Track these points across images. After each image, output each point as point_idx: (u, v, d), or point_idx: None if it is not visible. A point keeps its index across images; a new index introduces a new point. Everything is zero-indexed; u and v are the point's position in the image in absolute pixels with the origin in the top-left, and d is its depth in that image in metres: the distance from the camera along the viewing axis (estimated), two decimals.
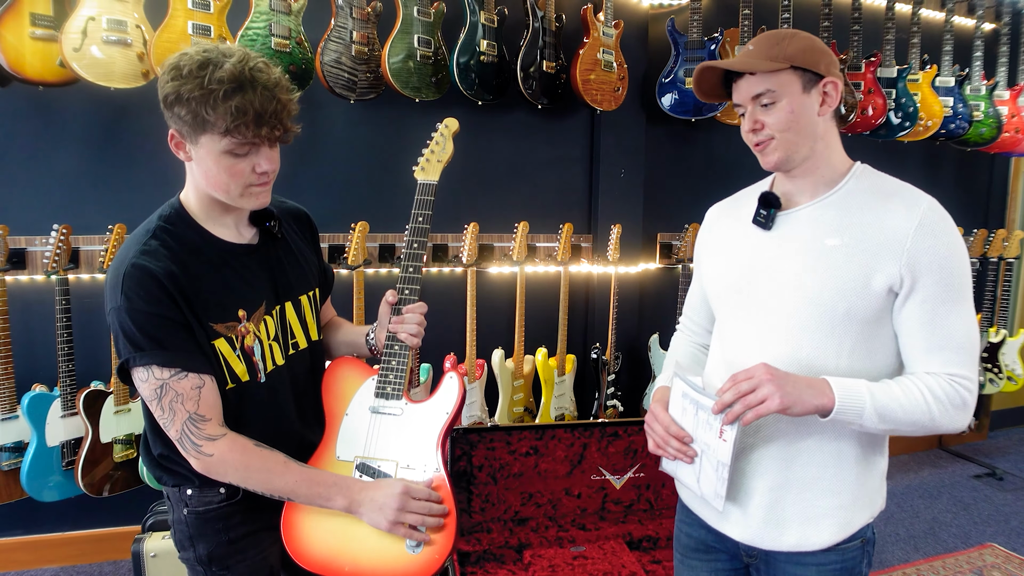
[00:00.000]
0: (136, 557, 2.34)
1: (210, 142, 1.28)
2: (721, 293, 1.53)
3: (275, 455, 1.37)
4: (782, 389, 1.23)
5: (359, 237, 2.87)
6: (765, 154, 1.39)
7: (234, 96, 1.23)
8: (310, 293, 1.59)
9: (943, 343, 1.30)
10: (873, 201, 1.35)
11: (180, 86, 1.24)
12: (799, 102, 1.34)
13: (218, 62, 1.25)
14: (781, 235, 1.42)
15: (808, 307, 1.34)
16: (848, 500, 1.38)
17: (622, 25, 3.26)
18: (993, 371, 4.20)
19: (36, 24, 2.38)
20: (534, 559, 2.60)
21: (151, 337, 1.28)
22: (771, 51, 1.34)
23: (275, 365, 1.48)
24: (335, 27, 2.74)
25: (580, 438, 2.78)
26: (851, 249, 1.32)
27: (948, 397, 1.28)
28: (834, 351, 1.34)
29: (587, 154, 3.51)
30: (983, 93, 3.87)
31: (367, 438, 1.52)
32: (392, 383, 1.55)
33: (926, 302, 1.29)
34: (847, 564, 1.40)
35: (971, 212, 4.54)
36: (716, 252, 1.58)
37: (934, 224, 1.30)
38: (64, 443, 2.61)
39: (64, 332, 2.56)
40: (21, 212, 2.71)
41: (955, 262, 1.30)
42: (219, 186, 1.33)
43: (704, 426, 1.34)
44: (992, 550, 3.31)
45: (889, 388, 1.28)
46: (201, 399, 1.31)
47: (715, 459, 1.32)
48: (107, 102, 2.69)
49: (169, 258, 1.32)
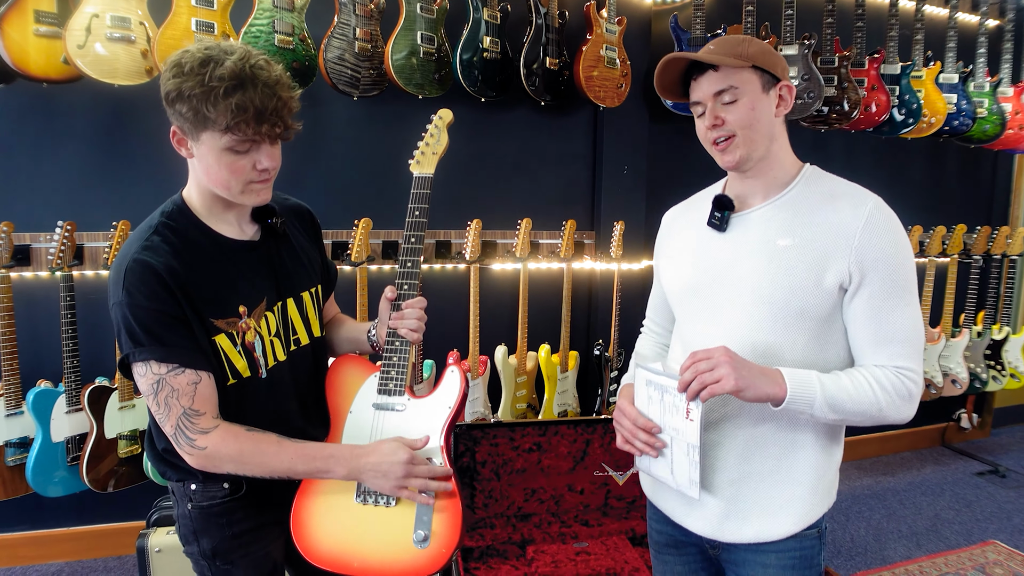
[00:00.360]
0: (141, 552, 2.35)
1: (211, 139, 1.29)
2: (680, 295, 1.56)
3: (267, 436, 1.37)
4: (737, 371, 1.26)
5: (362, 234, 2.88)
6: (726, 152, 1.41)
7: (234, 93, 1.24)
8: (312, 289, 1.59)
9: (889, 337, 1.35)
10: (822, 202, 1.40)
11: (181, 83, 1.25)
12: (759, 100, 1.38)
13: (219, 59, 1.25)
14: (735, 237, 1.46)
15: (763, 306, 1.38)
16: (806, 491, 1.42)
17: (625, 22, 3.26)
18: (996, 368, 4.19)
19: (40, 21, 2.38)
20: (537, 555, 2.61)
21: (150, 333, 1.29)
22: (734, 50, 1.37)
23: (276, 361, 1.48)
24: (338, 24, 2.75)
25: (583, 434, 2.78)
26: (802, 249, 1.36)
27: (895, 388, 1.34)
28: (788, 347, 1.38)
29: (590, 151, 3.51)
30: (987, 90, 3.87)
31: (371, 435, 1.53)
32: (394, 379, 1.55)
33: (873, 297, 1.34)
34: (805, 553, 1.44)
35: (974, 209, 4.53)
36: (673, 255, 1.61)
37: (880, 222, 1.35)
38: (69, 439, 2.62)
39: (69, 328, 2.56)
40: (26, 209, 2.71)
41: (900, 259, 1.35)
42: (220, 183, 1.34)
43: (671, 410, 1.37)
44: (995, 547, 3.31)
45: (839, 380, 1.33)
46: (196, 395, 1.32)
47: (684, 443, 1.35)
48: (111, 99, 2.69)
49: (171, 254, 1.33)
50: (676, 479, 1.39)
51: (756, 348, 1.39)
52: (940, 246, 3.94)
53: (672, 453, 1.38)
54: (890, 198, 1.39)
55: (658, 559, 1.65)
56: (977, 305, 4.15)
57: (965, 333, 4.05)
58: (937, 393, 4.00)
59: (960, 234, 3.98)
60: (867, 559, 3.20)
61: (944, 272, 4.00)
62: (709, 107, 1.39)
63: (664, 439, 1.39)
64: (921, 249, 3.91)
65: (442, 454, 1.50)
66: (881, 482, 4.06)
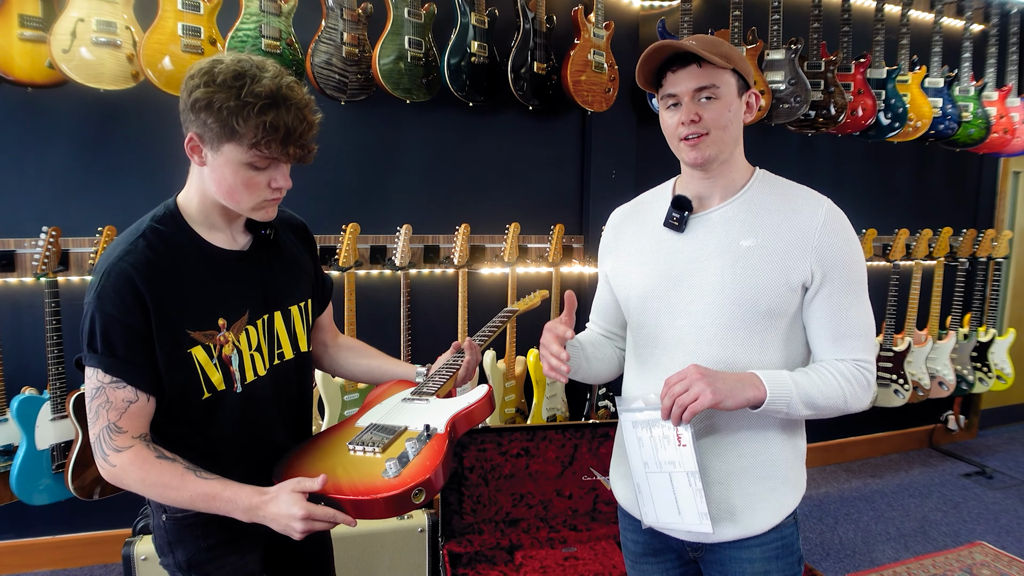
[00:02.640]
0: (127, 560, 2.33)
1: (233, 152, 1.28)
2: (638, 300, 1.53)
3: (174, 468, 1.31)
4: (712, 385, 1.29)
5: (350, 239, 2.87)
6: (695, 148, 1.40)
7: (268, 112, 1.24)
8: (301, 304, 1.57)
9: (848, 332, 1.41)
10: (778, 203, 1.43)
11: (213, 93, 1.24)
12: (734, 102, 1.40)
13: (254, 75, 1.26)
14: (695, 237, 1.46)
15: (732, 307, 1.40)
16: (780, 483, 1.46)
17: (613, 26, 3.27)
18: (983, 370, 4.22)
19: (25, 25, 2.37)
20: (526, 560, 2.61)
21: (107, 342, 1.28)
22: (716, 49, 1.36)
23: (256, 375, 1.45)
24: (325, 28, 2.74)
25: (571, 439, 2.78)
26: (766, 249, 1.39)
27: (856, 380, 1.40)
28: (757, 347, 1.41)
29: (578, 155, 3.52)
30: (972, 94, 3.90)
31: (387, 413, 1.55)
32: (430, 387, 1.62)
33: (833, 295, 1.39)
34: (785, 541, 1.48)
35: (960, 212, 4.56)
36: (627, 258, 1.58)
37: (835, 222, 1.40)
38: (54, 446, 2.59)
39: (54, 334, 2.54)
40: (10, 214, 2.69)
41: (855, 257, 1.42)
42: (231, 195, 1.34)
43: (662, 443, 1.38)
44: (982, 548, 3.33)
45: (809, 377, 1.38)
46: (127, 413, 1.30)
47: (683, 473, 1.36)
48: (96, 104, 2.67)
49: (152, 260, 1.31)
50: (685, 519, 1.39)
51: (727, 350, 1.41)
52: (927, 249, 3.97)
53: (675, 490, 1.39)
54: (877, 201, 1.43)
55: (635, 569, 1.64)
56: (963, 307, 4.18)
57: (952, 335, 4.08)
58: (924, 395, 4.03)
59: (946, 237, 4.01)
60: (855, 561, 3.21)
61: (931, 275, 4.03)
62: (686, 102, 1.39)
63: (662, 479, 1.40)
64: (908, 252, 3.93)
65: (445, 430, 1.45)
66: (869, 484, 4.08)
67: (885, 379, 3.93)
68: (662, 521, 1.45)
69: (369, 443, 1.42)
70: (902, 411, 4.13)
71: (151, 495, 1.33)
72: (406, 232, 2.98)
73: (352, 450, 1.43)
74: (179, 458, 1.33)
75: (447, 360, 1.73)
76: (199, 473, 1.32)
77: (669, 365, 1.44)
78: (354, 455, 1.42)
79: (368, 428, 1.50)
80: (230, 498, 1.30)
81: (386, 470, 1.32)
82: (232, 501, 1.30)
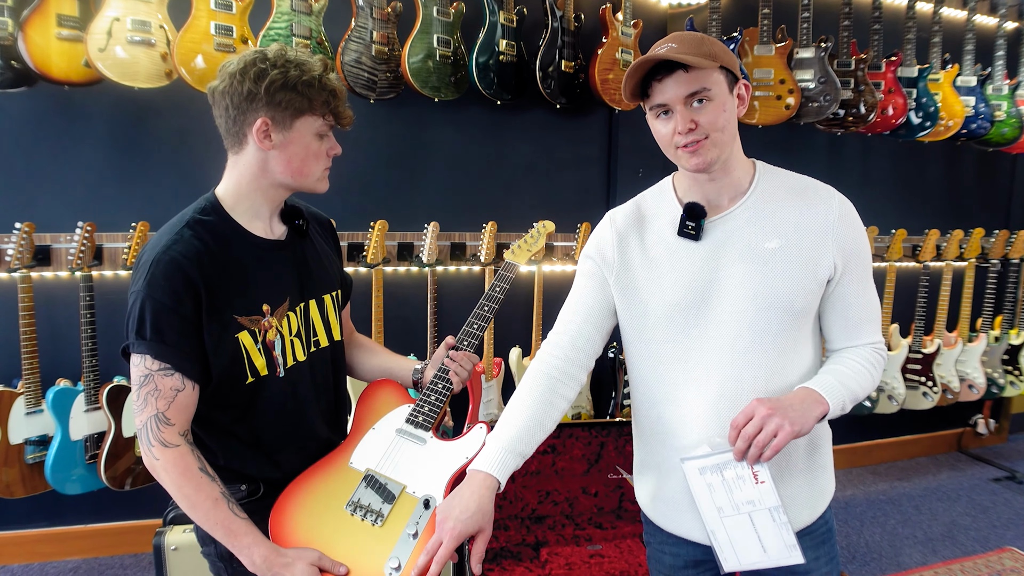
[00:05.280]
0: (157, 550, 2.36)
1: (305, 124, 1.40)
2: (663, 316, 1.42)
3: (211, 489, 1.33)
4: (787, 416, 1.27)
5: (378, 236, 2.89)
6: (696, 155, 1.34)
7: (328, 80, 1.40)
8: (333, 293, 1.61)
9: (865, 317, 1.44)
10: (789, 197, 1.41)
11: (283, 73, 1.35)
12: (728, 101, 1.35)
13: (298, 59, 1.39)
14: (713, 244, 1.40)
15: (766, 312, 1.36)
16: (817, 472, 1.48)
17: (641, 25, 3.26)
18: (1014, 373, 4.16)
19: (62, 25, 2.41)
20: (551, 557, 2.61)
21: (156, 329, 1.30)
22: (699, 50, 1.30)
23: (295, 361, 1.50)
24: (355, 27, 2.77)
25: (597, 437, 2.79)
26: (792, 248, 1.37)
27: (878, 364, 1.44)
28: (792, 348, 1.40)
29: (605, 154, 3.52)
30: (1005, 93, 3.84)
31: (384, 455, 1.53)
32: (425, 415, 1.59)
33: (852, 283, 1.40)
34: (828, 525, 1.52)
35: (992, 213, 4.48)
36: (636, 269, 1.46)
37: (848, 212, 1.41)
38: (87, 437, 2.65)
39: (88, 328, 2.59)
40: (46, 210, 2.75)
41: (866, 244, 1.44)
42: (302, 170, 1.43)
43: (738, 484, 1.32)
44: (1011, 554, 3.28)
45: (846, 373, 1.39)
46: (175, 402, 1.32)
47: (766, 509, 1.31)
48: (131, 101, 2.72)
49: (201, 250, 1.35)
50: (771, 555, 1.34)
51: (765, 355, 1.37)
52: (957, 250, 3.91)
53: (756, 529, 1.33)
54: (907, 202, 1.43)
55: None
56: (995, 310, 4.11)
57: (982, 338, 4.02)
58: (953, 398, 3.97)
59: (978, 238, 3.95)
60: (882, 565, 3.18)
61: (961, 276, 3.97)
62: (679, 110, 1.32)
63: (741, 521, 1.33)
64: (938, 253, 3.88)
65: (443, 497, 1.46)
66: (896, 487, 4.03)
67: (914, 381, 3.88)
68: (744, 562, 1.37)
69: (368, 510, 1.44)
70: (930, 414, 4.07)
71: (178, 501, 1.35)
72: (433, 229, 3.00)
73: (351, 513, 1.44)
74: (218, 478, 1.36)
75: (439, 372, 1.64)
76: (231, 505, 1.35)
77: (706, 382, 1.38)
78: (352, 519, 1.43)
79: (366, 480, 1.48)
80: (249, 545, 1.33)
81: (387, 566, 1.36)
82: (249, 548, 1.33)
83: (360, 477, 1.49)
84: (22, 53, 2.37)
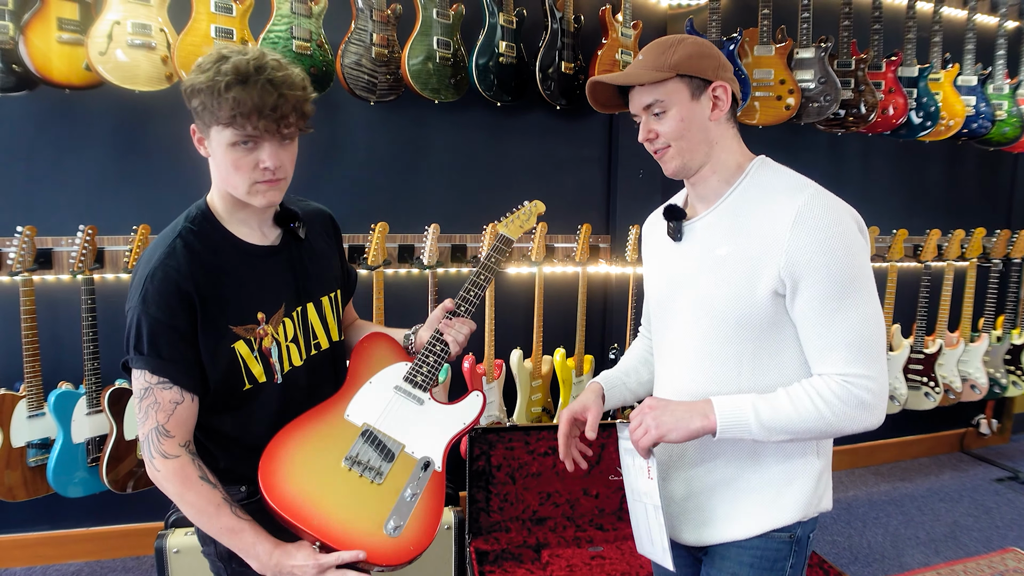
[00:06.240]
0: (159, 553, 2.37)
1: (217, 134, 1.31)
2: (651, 308, 1.59)
3: (212, 496, 1.35)
4: (658, 419, 1.29)
5: (379, 238, 2.89)
6: (664, 162, 1.41)
7: (234, 88, 1.25)
8: (331, 294, 1.61)
9: (833, 342, 1.26)
10: (760, 201, 1.35)
11: (195, 78, 1.29)
12: (688, 109, 1.35)
13: (230, 57, 1.29)
14: (686, 247, 1.45)
15: (707, 318, 1.38)
16: (769, 497, 1.39)
17: (640, 26, 3.26)
18: (1016, 373, 4.15)
19: (63, 28, 2.41)
20: (552, 559, 2.61)
21: (152, 344, 1.31)
22: (657, 61, 1.35)
23: (292, 366, 1.49)
24: (355, 30, 2.77)
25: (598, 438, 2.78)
26: (738, 256, 1.33)
27: (840, 398, 1.25)
28: (734, 360, 1.36)
29: (605, 155, 3.52)
30: (1006, 92, 3.83)
31: (383, 412, 1.53)
32: (424, 375, 1.58)
33: (812, 300, 1.26)
34: (768, 554, 1.40)
35: (994, 212, 4.48)
36: (647, 263, 1.62)
37: (812, 217, 1.26)
38: (89, 440, 2.65)
39: (90, 331, 2.60)
40: (48, 213, 2.75)
41: (839, 254, 1.24)
42: (229, 181, 1.36)
43: (638, 473, 1.38)
44: (1014, 555, 3.28)
45: (776, 399, 1.28)
46: (174, 415, 1.34)
47: (652, 505, 1.36)
48: (132, 105, 2.72)
49: (192, 261, 1.35)
50: (655, 549, 1.41)
51: (713, 364, 1.39)
52: (959, 250, 3.91)
53: (648, 520, 1.38)
54: (908, 202, 1.34)
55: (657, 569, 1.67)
56: (997, 309, 4.11)
57: (984, 338, 4.02)
58: (956, 398, 3.96)
59: (979, 238, 3.95)
60: (884, 566, 3.18)
61: (963, 276, 3.96)
62: (643, 120, 1.40)
63: (640, 509, 1.41)
64: (940, 253, 3.88)
65: (442, 466, 1.51)
66: (899, 488, 4.03)
67: (915, 381, 3.88)
68: (641, 549, 1.47)
69: (367, 466, 1.44)
70: (933, 414, 4.07)
71: (184, 511, 1.38)
72: (434, 231, 3.00)
73: (348, 468, 1.44)
74: (219, 485, 1.37)
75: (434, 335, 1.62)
76: (233, 508, 1.37)
77: (667, 379, 1.49)
78: (350, 474, 1.43)
79: (364, 435, 1.48)
80: (252, 543, 1.35)
81: (386, 526, 1.37)
82: (253, 546, 1.35)
83: (358, 432, 1.49)
84: (23, 57, 2.37)
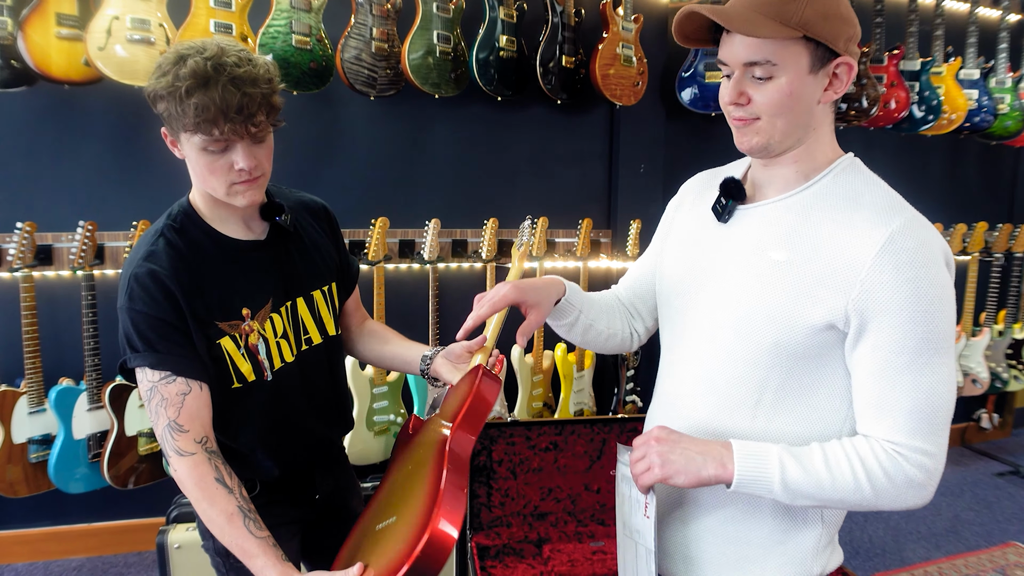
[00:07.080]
0: (161, 548, 2.37)
1: (187, 140, 1.27)
2: (666, 291, 1.32)
3: (225, 504, 1.28)
4: (665, 457, 1.07)
5: (379, 233, 2.89)
6: (743, 134, 1.12)
7: (195, 93, 1.19)
8: (324, 288, 1.56)
9: (894, 404, 1.04)
10: (841, 210, 1.10)
11: (156, 82, 1.23)
12: (801, 83, 1.06)
13: (187, 57, 1.21)
14: (733, 235, 1.20)
15: (733, 330, 1.15)
16: (757, 553, 1.20)
17: (641, 19, 3.25)
18: (1018, 368, 4.15)
19: (62, 24, 2.41)
20: (553, 553, 2.61)
21: (145, 339, 1.29)
22: (783, 9, 1.02)
23: (283, 363, 1.47)
24: (355, 24, 2.76)
25: (599, 433, 2.78)
26: (796, 268, 1.08)
27: (888, 473, 1.04)
28: (756, 387, 1.13)
29: (606, 149, 3.51)
30: (1008, 85, 3.82)
31: None
32: None
33: (880, 349, 1.03)
34: None
35: (996, 206, 4.48)
36: (674, 234, 1.35)
37: (903, 251, 1.02)
38: (90, 436, 2.65)
39: (90, 327, 2.59)
40: (48, 209, 2.75)
41: (925, 303, 1.01)
42: (206, 184, 1.33)
43: (634, 508, 1.18)
44: (1015, 549, 3.27)
45: (809, 459, 1.06)
46: (184, 407, 1.29)
47: (644, 548, 1.17)
48: (131, 100, 2.71)
49: (174, 258, 1.33)
50: None
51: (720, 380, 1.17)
52: (960, 244, 3.90)
53: (637, 560, 1.20)
54: (909, 195, 1.17)
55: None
56: (998, 304, 4.10)
57: (986, 332, 4.01)
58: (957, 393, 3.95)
59: (981, 232, 3.94)
60: (885, 560, 3.18)
61: (965, 270, 3.96)
62: (736, 76, 1.08)
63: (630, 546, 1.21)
64: None
65: None
66: None
67: None
68: None
69: None
70: None
71: (198, 510, 1.33)
72: (434, 226, 3.00)
73: None
74: (235, 491, 1.30)
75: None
76: (247, 521, 1.28)
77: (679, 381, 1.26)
78: None
79: None
80: (260, 568, 1.27)
81: None
82: (262, 572, 1.27)
83: None
84: (22, 52, 2.36)
